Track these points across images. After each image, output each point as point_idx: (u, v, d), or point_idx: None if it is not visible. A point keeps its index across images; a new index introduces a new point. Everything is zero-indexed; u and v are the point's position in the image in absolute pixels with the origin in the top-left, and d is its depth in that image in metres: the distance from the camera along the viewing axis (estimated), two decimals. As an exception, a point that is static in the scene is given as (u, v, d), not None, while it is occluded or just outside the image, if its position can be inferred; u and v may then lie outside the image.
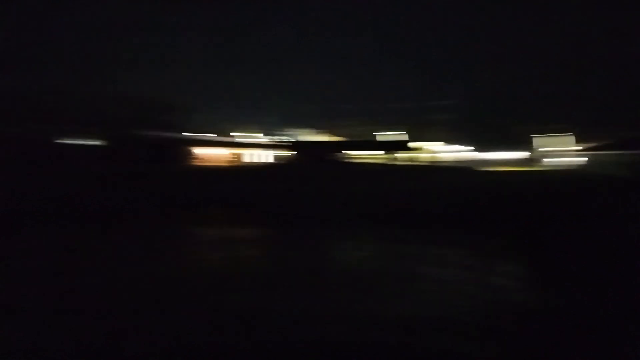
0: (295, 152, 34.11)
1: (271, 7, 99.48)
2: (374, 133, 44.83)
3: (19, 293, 4.07)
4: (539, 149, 42.75)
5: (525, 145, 43.87)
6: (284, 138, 49.31)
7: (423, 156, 49.86)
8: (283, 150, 36.93)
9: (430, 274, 5.23)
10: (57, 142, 32.91)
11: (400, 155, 39.20)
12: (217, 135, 59.60)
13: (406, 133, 45.08)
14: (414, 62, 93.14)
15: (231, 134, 68.62)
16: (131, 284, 4.37)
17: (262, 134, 65.86)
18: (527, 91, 67.20)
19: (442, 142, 57.75)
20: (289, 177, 17.67)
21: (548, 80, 68.68)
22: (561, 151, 39.14)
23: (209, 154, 46.82)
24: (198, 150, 45.62)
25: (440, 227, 7.76)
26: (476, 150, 48.64)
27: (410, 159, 37.47)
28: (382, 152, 38.92)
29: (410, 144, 39.23)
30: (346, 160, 36.72)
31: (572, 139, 40.72)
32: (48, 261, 5.34)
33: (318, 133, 62.67)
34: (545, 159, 39.03)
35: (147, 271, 4.94)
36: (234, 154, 52.15)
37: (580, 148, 35.59)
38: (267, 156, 55.97)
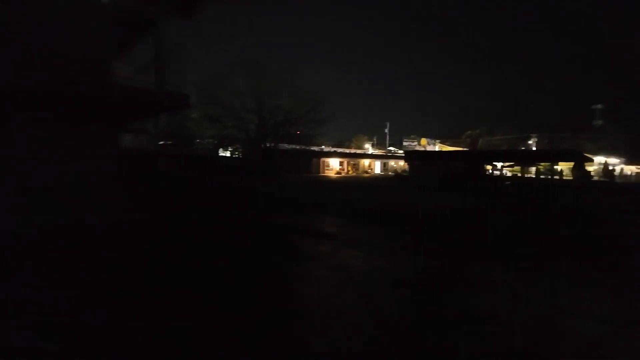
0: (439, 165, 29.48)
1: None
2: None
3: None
4: None
5: None
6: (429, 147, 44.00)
7: (594, 169, 39.70)
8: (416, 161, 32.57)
9: None
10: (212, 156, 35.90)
11: (568, 168, 31.03)
12: (337, 147, 58.88)
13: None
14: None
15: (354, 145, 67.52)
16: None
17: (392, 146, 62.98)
18: None
19: (606, 154, 46.54)
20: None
21: None
22: None
23: (332, 165, 45.71)
24: (325, 161, 44.86)
25: None
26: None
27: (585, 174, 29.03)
28: (545, 164, 31.38)
29: (586, 155, 30.75)
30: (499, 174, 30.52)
31: None
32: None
33: (449, 144, 56.08)
34: None
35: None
36: (358, 164, 50.16)
37: None
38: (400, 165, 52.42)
